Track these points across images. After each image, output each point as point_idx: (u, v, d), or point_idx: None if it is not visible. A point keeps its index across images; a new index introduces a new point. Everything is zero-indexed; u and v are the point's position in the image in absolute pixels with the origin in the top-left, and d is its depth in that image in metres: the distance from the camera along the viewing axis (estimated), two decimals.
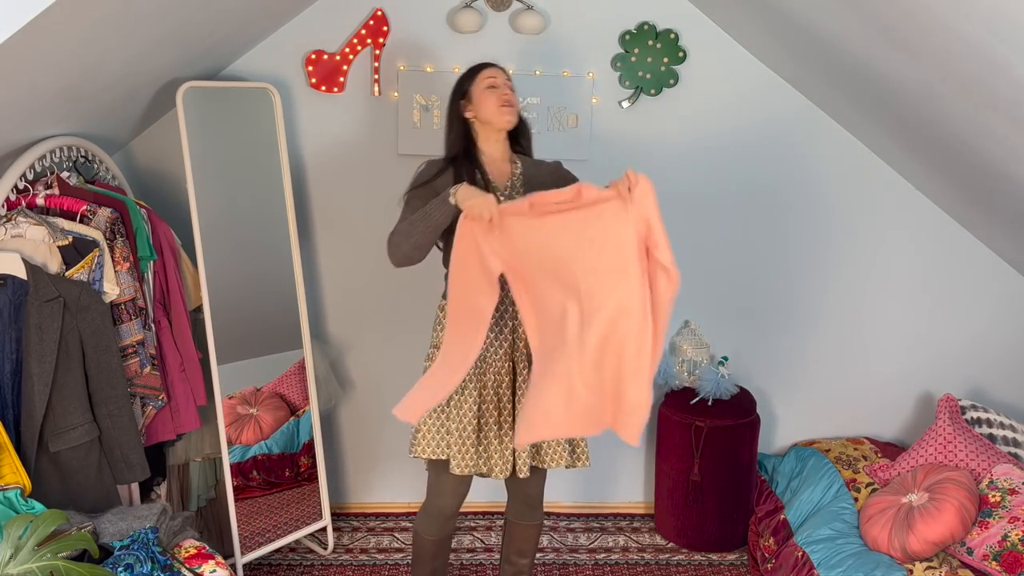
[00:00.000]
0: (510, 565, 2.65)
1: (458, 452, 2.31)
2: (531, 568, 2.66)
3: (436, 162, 2.35)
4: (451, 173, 2.30)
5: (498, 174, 2.36)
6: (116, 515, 2.15)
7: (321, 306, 3.24)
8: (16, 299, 2.18)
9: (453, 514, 2.46)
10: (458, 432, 2.30)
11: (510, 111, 2.33)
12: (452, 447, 2.31)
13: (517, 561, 2.63)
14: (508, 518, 2.61)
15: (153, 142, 3.05)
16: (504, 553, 2.66)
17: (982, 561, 2.38)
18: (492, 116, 2.33)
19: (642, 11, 3.00)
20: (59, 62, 2.06)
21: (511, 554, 2.63)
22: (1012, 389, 3.33)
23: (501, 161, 2.38)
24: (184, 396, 2.64)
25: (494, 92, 2.32)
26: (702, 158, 3.14)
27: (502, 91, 2.32)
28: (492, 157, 2.38)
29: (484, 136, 2.37)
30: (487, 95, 2.32)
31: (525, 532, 2.58)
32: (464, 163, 2.32)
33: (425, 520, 2.47)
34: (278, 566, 3.05)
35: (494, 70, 2.36)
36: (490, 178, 2.33)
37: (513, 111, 2.34)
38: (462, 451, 2.31)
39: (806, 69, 2.91)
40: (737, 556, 3.17)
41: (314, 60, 2.95)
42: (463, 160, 2.33)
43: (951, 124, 2.46)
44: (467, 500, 3.34)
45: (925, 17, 1.97)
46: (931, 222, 3.20)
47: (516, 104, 2.36)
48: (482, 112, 2.34)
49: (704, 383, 3.15)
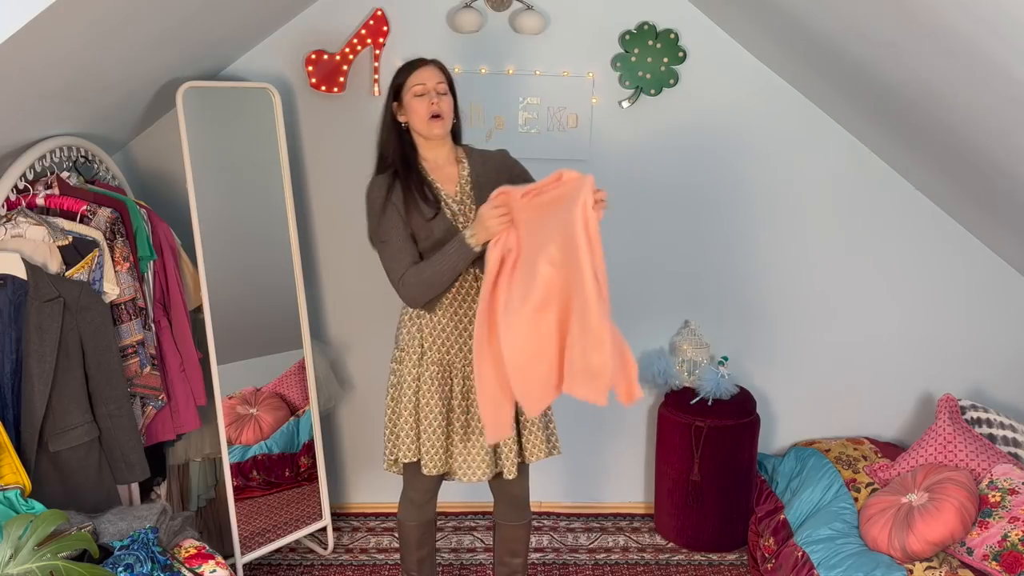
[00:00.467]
0: (504, 567, 2.65)
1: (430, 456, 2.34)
2: (525, 567, 2.66)
3: (380, 179, 2.27)
4: (399, 188, 2.24)
5: (445, 178, 2.32)
6: (116, 515, 2.15)
7: (321, 306, 3.24)
8: (16, 299, 2.18)
9: (429, 500, 2.51)
10: (431, 436, 2.33)
11: (439, 123, 2.24)
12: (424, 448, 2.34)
13: (511, 562, 2.63)
14: (496, 521, 2.61)
15: (153, 142, 3.05)
16: (497, 556, 2.66)
17: (982, 561, 2.38)
18: (420, 128, 2.26)
19: (642, 11, 3.00)
20: (59, 62, 2.06)
21: (503, 556, 2.63)
22: (1012, 389, 3.33)
23: (446, 163, 2.34)
24: (184, 396, 2.65)
25: (422, 101, 2.22)
26: (702, 158, 3.14)
27: (430, 99, 2.22)
28: (436, 162, 2.33)
29: (422, 142, 2.31)
30: (415, 104, 2.23)
31: (515, 533, 2.59)
32: (409, 175, 2.26)
33: (404, 506, 2.53)
34: (278, 566, 3.05)
35: (425, 72, 2.24)
36: (438, 185, 2.30)
37: (442, 123, 2.24)
38: (431, 455, 2.34)
39: (806, 69, 2.91)
40: (737, 556, 3.17)
41: (314, 60, 2.95)
42: (405, 172, 2.26)
43: (951, 123, 2.45)
44: (466, 500, 3.37)
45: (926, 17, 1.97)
46: (931, 222, 3.20)
47: (447, 111, 2.26)
48: (411, 121, 2.27)
49: (704, 383, 3.15)
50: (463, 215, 2.29)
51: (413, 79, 2.24)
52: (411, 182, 2.25)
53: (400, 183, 2.25)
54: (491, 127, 3.05)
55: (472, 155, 2.38)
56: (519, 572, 2.65)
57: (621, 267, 3.15)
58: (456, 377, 2.34)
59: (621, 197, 3.10)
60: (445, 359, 2.34)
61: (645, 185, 3.16)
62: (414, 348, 2.35)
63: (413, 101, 2.24)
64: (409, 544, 2.57)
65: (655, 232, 3.20)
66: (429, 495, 2.51)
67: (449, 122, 2.28)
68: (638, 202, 3.17)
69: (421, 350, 2.34)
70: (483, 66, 3.02)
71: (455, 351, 2.34)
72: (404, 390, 2.35)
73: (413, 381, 2.34)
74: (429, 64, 2.27)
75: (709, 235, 3.22)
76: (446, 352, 2.34)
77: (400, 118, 2.29)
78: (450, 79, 2.31)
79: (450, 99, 2.29)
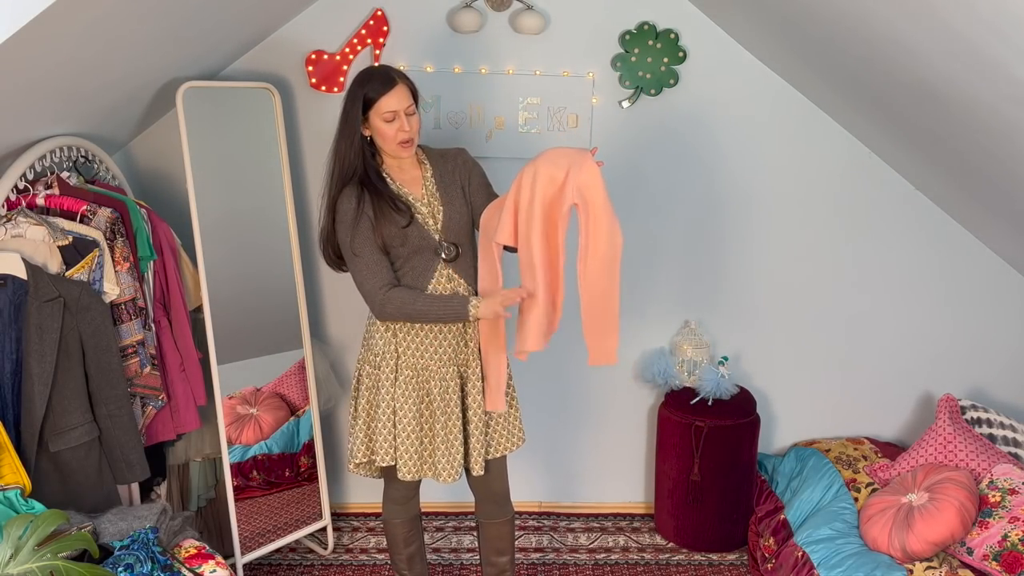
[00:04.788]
0: (491, 567, 2.66)
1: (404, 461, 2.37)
2: (512, 564, 2.67)
3: (349, 191, 2.27)
4: (369, 199, 2.25)
5: (409, 181, 2.35)
6: (116, 515, 2.15)
7: (321, 306, 3.24)
8: (16, 299, 2.18)
9: (411, 498, 2.56)
10: (404, 440, 2.36)
11: (409, 147, 2.26)
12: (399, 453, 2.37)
13: (497, 561, 2.64)
14: (479, 520, 2.63)
15: (153, 142, 3.05)
16: (483, 555, 2.67)
17: (982, 561, 2.38)
18: (389, 150, 2.28)
19: (642, 11, 3.00)
20: (59, 62, 2.06)
21: (490, 555, 2.65)
22: (1012, 389, 3.33)
23: (410, 167, 2.36)
24: (184, 396, 2.65)
25: (392, 126, 2.22)
26: (702, 158, 3.14)
27: (400, 125, 2.22)
28: (399, 167, 2.35)
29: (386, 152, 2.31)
30: (385, 129, 2.23)
31: (499, 531, 2.60)
32: (375, 186, 2.27)
33: (387, 505, 2.58)
34: (278, 566, 3.05)
35: (394, 97, 2.20)
36: (405, 190, 2.32)
37: (411, 146, 2.27)
38: (404, 460, 2.37)
39: (806, 69, 2.91)
40: (737, 556, 3.17)
41: (314, 60, 2.95)
42: (370, 183, 2.27)
43: (951, 123, 2.46)
44: (466, 500, 3.37)
45: (926, 16, 1.97)
46: (931, 222, 3.20)
47: (416, 132, 2.27)
48: (379, 141, 2.27)
49: (704, 383, 3.14)
50: (432, 217, 2.32)
51: (383, 104, 2.21)
52: (381, 193, 2.27)
53: (369, 194, 2.26)
54: (491, 127, 3.05)
55: (431, 155, 2.41)
56: (507, 570, 2.66)
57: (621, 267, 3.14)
58: (433, 379, 2.36)
59: (621, 197, 3.09)
60: (420, 363, 2.36)
61: (645, 185, 3.16)
62: (390, 354, 2.37)
63: (382, 126, 2.23)
64: (396, 542, 2.61)
65: (655, 232, 3.20)
66: (411, 492, 2.56)
67: (417, 140, 2.31)
68: (638, 202, 3.17)
69: (396, 356, 2.37)
70: (483, 66, 3.02)
71: (429, 355, 2.36)
72: (383, 395, 2.37)
73: (391, 387, 2.37)
74: (398, 84, 2.23)
75: (709, 235, 3.22)
76: (420, 357, 2.36)
77: (365, 132, 2.28)
78: (415, 92, 2.30)
79: (418, 117, 2.29)
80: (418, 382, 2.36)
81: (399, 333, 2.36)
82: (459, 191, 2.37)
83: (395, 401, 2.36)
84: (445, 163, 2.39)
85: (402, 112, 2.22)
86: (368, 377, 2.41)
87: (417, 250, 2.30)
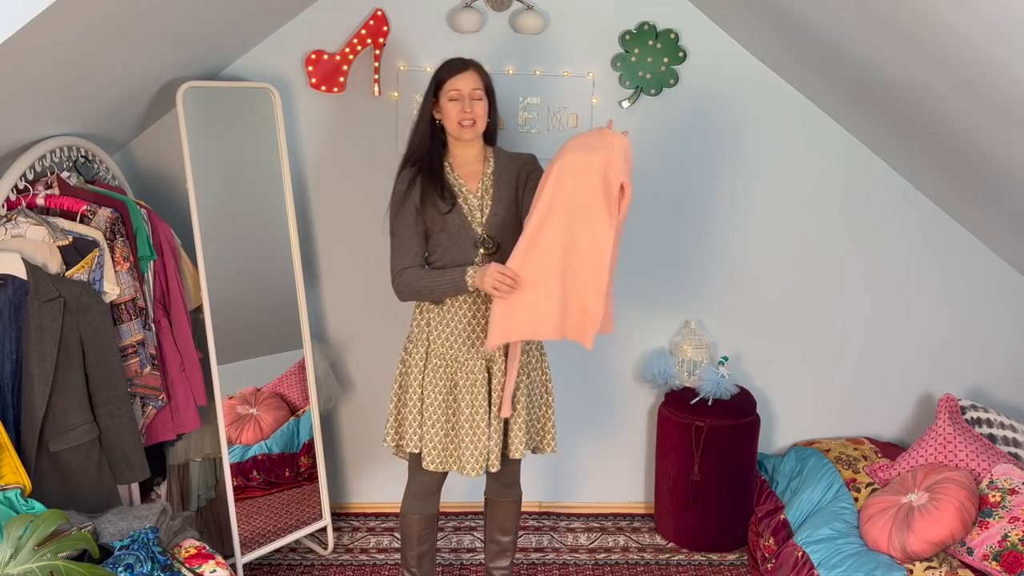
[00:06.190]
0: (495, 544, 2.75)
1: (428, 450, 2.42)
2: (514, 546, 2.75)
3: (406, 173, 2.38)
4: (419, 183, 2.35)
5: (469, 175, 2.41)
6: (116, 515, 2.15)
7: (321, 306, 3.23)
8: (16, 299, 2.18)
9: (432, 494, 2.58)
10: (429, 429, 2.41)
11: (469, 129, 2.34)
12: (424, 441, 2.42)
13: (500, 540, 2.73)
14: (487, 496, 2.72)
15: (153, 142, 3.04)
16: (488, 532, 2.76)
17: (982, 561, 2.38)
18: (451, 130, 2.36)
19: (642, 11, 3.00)
20: (59, 62, 2.06)
21: (494, 533, 2.73)
22: (1012, 389, 3.33)
23: (473, 161, 2.43)
24: (184, 396, 2.65)
25: (455, 106, 2.32)
26: (702, 158, 3.14)
27: (464, 105, 2.31)
28: (463, 159, 2.42)
29: (452, 139, 2.40)
30: (449, 108, 2.33)
31: (505, 509, 2.69)
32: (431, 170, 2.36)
33: (408, 499, 2.60)
34: (278, 566, 3.05)
35: (462, 79, 2.33)
36: (461, 181, 2.39)
37: (472, 128, 2.34)
38: (428, 449, 2.42)
39: (806, 69, 2.91)
40: (737, 556, 3.17)
41: (314, 60, 2.95)
42: (428, 167, 2.36)
43: (951, 123, 2.46)
44: (466, 500, 3.37)
45: (926, 16, 1.97)
46: (931, 222, 3.20)
47: (480, 116, 2.34)
48: (444, 122, 2.37)
49: (704, 383, 3.15)
50: (480, 211, 2.39)
51: (450, 84, 2.32)
52: (432, 177, 2.36)
53: (422, 178, 2.36)
54: None
55: (500, 155, 2.47)
56: (508, 551, 2.74)
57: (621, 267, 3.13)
58: (461, 371, 2.40)
59: None
60: (448, 353, 2.41)
61: (645, 185, 3.15)
62: (421, 341, 2.44)
63: (447, 105, 2.34)
64: (410, 538, 2.62)
65: (655, 232, 3.20)
66: (432, 488, 2.57)
67: (481, 127, 2.37)
68: (638, 202, 3.16)
69: (427, 344, 2.43)
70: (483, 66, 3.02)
71: (459, 345, 2.40)
72: (410, 381, 2.44)
73: (419, 374, 2.43)
74: (469, 69, 2.35)
75: (709, 235, 3.22)
76: (450, 347, 2.41)
77: (436, 115, 2.37)
78: (487, 83, 2.38)
79: (484, 104, 2.36)
80: (446, 372, 2.41)
81: (432, 321, 2.42)
82: (512, 190, 2.43)
83: (423, 388, 2.42)
84: (511, 164, 2.45)
85: (467, 94, 2.31)
86: (403, 362, 2.49)
87: (456, 239, 2.36)
